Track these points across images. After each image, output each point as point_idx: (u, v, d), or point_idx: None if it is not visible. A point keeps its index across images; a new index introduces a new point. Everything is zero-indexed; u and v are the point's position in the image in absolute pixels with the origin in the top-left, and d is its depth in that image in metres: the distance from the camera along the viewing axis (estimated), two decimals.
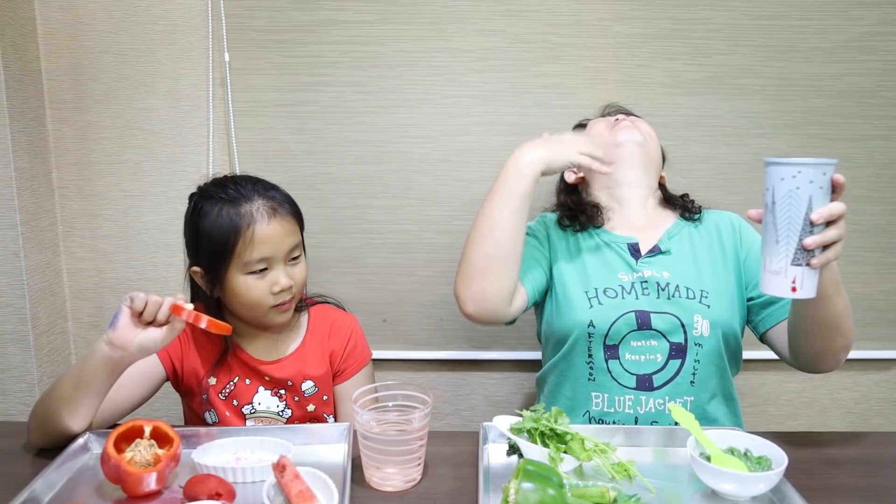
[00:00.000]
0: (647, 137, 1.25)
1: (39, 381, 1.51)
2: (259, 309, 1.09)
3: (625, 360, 1.11)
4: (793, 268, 0.83)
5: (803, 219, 0.81)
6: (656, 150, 1.27)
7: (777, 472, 0.82)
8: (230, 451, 0.94)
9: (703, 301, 1.12)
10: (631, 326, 1.10)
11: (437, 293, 1.59)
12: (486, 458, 0.95)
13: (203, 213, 1.07)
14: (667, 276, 1.14)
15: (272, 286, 1.07)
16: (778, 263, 0.83)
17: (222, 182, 1.12)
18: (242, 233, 1.04)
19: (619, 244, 1.19)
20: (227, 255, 1.05)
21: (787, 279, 0.83)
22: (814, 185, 0.80)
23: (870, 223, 1.53)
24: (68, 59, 1.50)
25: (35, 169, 1.49)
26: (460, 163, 1.53)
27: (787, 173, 0.81)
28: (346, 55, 1.49)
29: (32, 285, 1.48)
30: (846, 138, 1.50)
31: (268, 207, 1.07)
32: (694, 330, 1.10)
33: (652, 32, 1.47)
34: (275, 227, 1.07)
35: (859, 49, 1.47)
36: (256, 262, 1.06)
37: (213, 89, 1.51)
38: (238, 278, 1.07)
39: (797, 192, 0.81)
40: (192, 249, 1.11)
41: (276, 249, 1.07)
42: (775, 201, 0.82)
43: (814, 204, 0.81)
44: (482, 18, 1.47)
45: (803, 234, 0.81)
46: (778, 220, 0.82)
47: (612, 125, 1.27)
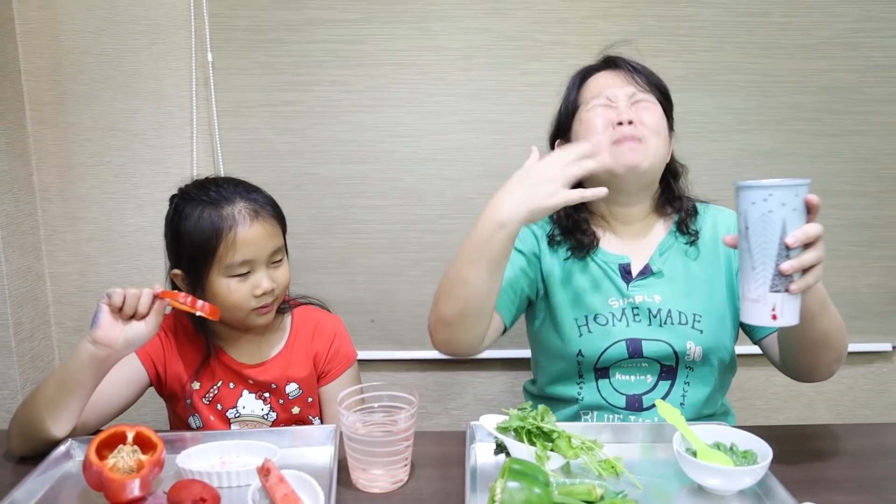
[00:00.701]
0: (654, 154, 1.06)
1: (22, 388, 1.49)
2: (240, 312, 1.08)
3: (615, 380, 1.10)
4: (771, 295, 0.79)
5: (778, 243, 0.78)
6: (662, 158, 1.09)
7: (762, 465, 0.82)
8: (215, 455, 0.93)
9: (696, 326, 1.08)
10: (622, 355, 1.08)
11: (424, 292, 1.58)
12: (473, 458, 0.94)
13: (184, 215, 1.06)
14: (658, 300, 1.09)
15: (254, 289, 1.06)
16: (756, 291, 0.80)
17: (203, 184, 1.11)
18: (224, 235, 1.03)
19: (611, 265, 1.12)
20: (208, 258, 1.04)
21: (766, 307, 0.80)
22: (786, 208, 0.77)
23: (854, 217, 1.55)
24: (48, 59, 1.49)
25: (15, 172, 1.47)
26: (446, 161, 1.53)
27: (757, 196, 0.78)
28: (330, 54, 1.48)
29: (14, 290, 1.46)
30: (830, 133, 1.51)
31: (250, 210, 1.06)
32: (686, 356, 1.07)
33: (637, 30, 1.47)
34: (257, 230, 1.06)
35: (842, 45, 1.48)
36: (238, 266, 1.05)
37: (196, 89, 1.49)
38: (220, 281, 1.06)
39: (769, 215, 0.78)
40: (173, 252, 1.10)
41: (259, 252, 1.06)
42: (748, 226, 0.80)
43: (788, 227, 0.78)
44: (467, 16, 1.47)
45: (779, 259, 0.78)
46: (752, 246, 0.80)
47: (611, 128, 1.06)
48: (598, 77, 1.12)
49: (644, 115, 1.07)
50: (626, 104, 1.07)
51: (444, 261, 1.55)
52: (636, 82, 1.10)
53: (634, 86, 1.09)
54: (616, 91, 1.09)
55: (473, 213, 1.53)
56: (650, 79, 1.12)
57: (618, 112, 1.06)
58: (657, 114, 1.08)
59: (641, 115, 1.07)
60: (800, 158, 1.52)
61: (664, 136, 1.09)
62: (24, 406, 0.98)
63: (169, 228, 1.10)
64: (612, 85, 1.10)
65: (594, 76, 1.13)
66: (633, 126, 1.05)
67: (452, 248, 1.54)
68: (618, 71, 1.12)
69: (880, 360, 1.65)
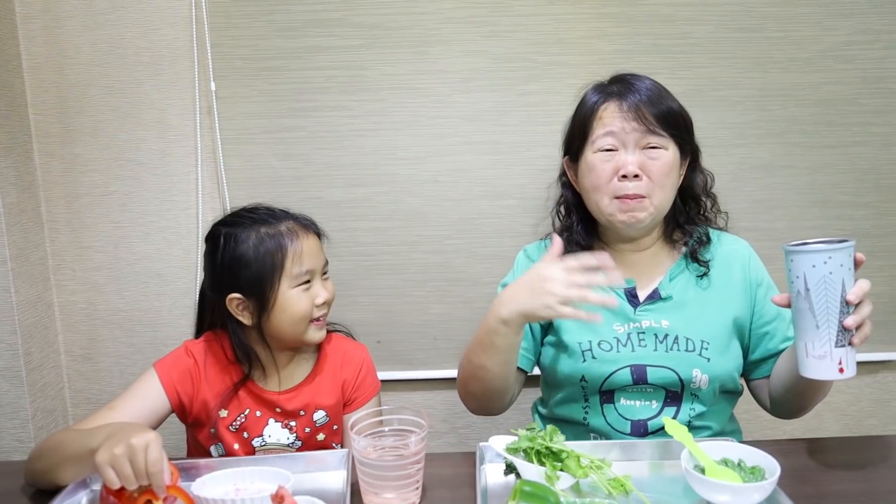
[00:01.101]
0: (658, 206, 1.05)
1: (33, 417, 1.50)
2: (303, 324, 1.11)
3: (619, 405, 1.10)
4: (837, 350, 0.85)
5: (840, 301, 0.84)
6: (667, 204, 1.08)
7: (770, 481, 0.83)
8: (230, 482, 0.94)
9: (703, 354, 1.07)
10: (626, 381, 1.08)
11: (430, 312, 1.59)
12: (483, 479, 0.95)
13: (239, 239, 1.09)
14: (666, 325, 1.08)
15: (315, 298, 1.12)
16: (822, 348, 0.86)
17: (244, 210, 1.16)
18: (289, 247, 1.09)
19: (616, 289, 1.11)
20: (276, 271, 1.08)
21: (833, 362, 0.85)
22: (844, 268, 0.84)
23: (854, 228, 1.56)
24: (54, 92, 1.51)
25: (24, 203, 1.49)
26: (448, 183, 1.54)
27: (818, 260, 0.84)
28: (331, 80, 1.51)
29: (24, 321, 1.48)
30: (827, 145, 1.53)
31: (301, 225, 1.13)
32: (692, 384, 1.07)
33: (633, 48, 1.49)
34: (313, 241, 1.13)
35: (835, 59, 1.50)
36: (304, 274, 1.10)
37: (200, 118, 1.52)
38: (288, 293, 1.09)
39: (831, 276, 0.84)
40: (229, 279, 1.10)
41: (316, 262, 1.13)
42: (809, 288, 0.85)
43: (846, 285, 0.84)
44: (466, 40, 1.50)
45: (842, 315, 0.85)
46: (815, 306, 0.85)
47: (616, 179, 1.05)
48: (610, 107, 1.08)
49: (651, 165, 1.05)
50: (634, 149, 1.05)
51: (449, 281, 1.58)
52: (646, 120, 1.05)
53: (645, 125, 1.04)
54: (625, 136, 1.05)
55: (476, 234, 1.56)
56: (664, 112, 1.06)
57: (623, 162, 1.05)
58: (666, 161, 1.05)
59: (648, 167, 1.05)
60: (798, 171, 1.54)
61: (671, 184, 1.07)
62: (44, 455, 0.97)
63: (220, 259, 1.10)
64: (622, 124, 1.05)
65: (606, 105, 1.08)
66: (638, 181, 1.04)
67: (456, 269, 1.57)
68: (629, 105, 1.06)
69: (885, 370, 1.65)
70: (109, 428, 0.90)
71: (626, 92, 1.08)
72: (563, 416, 1.15)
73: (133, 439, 0.82)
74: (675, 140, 1.08)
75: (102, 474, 0.82)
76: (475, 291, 1.58)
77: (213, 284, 1.14)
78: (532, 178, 1.53)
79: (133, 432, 0.84)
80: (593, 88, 1.14)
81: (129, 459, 0.82)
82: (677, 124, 1.08)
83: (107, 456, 0.82)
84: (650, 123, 1.05)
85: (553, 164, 1.27)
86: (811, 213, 1.56)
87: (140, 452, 0.82)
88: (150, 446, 0.82)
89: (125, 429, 0.87)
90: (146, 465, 0.81)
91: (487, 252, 1.57)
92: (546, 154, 1.48)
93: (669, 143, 1.07)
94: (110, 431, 0.87)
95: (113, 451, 0.82)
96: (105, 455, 0.82)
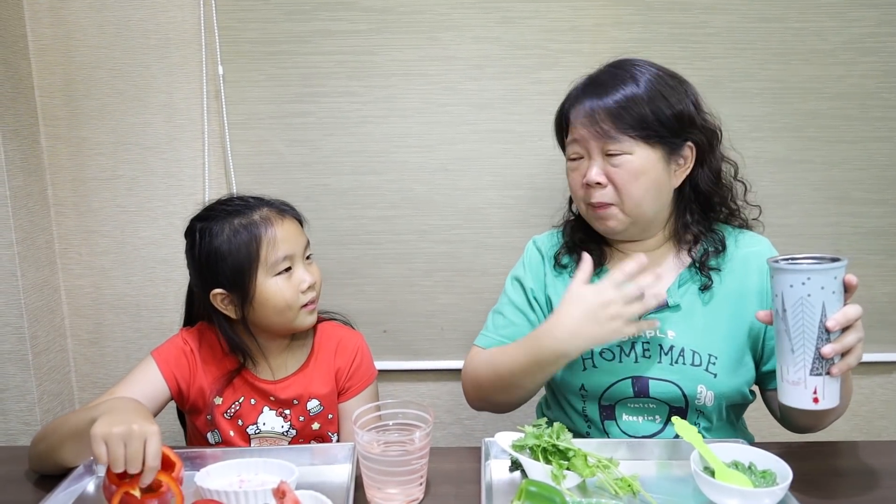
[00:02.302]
0: (632, 212, 1.01)
1: (39, 400, 1.50)
2: (291, 311, 1.09)
3: (622, 422, 1.06)
4: (812, 378, 0.79)
5: (818, 326, 0.77)
6: (647, 207, 1.02)
7: (782, 487, 0.81)
8: (233, 473, 0.93)
9: (710, 369, 1.02)
10: (627, 393, 1.04)
11: (436, 302, 1.58)
12: (488, 475, 0.94)
13: (213, 233, 1.07)
14: (672, 336, 1.04)
15: (299, 284, 1.09)
16: (796, 374, 0.79)
17: (218, 202, 1.13)
18: (263, 236, 1.06)
19: None
20: (253, 262, 1.06)
21: (807, 390, 0.79)
22: (826, 291, 0.76)
23: (871, 226, 1.53)
24: (61, 75, 1.50)
25: (30, 187, 1.48)
26: (457, 171, 1.52)
27: (795, 280, 0.77)
28: (340, 65, 1.48)
29: (30, 304, 1.47)
30: (846, 141, 1.49)
31: (275, 210, 1.10)
32: (696, 399, 1.03)
33: (649, 37, 1.46)
34: (289, 226, 1.10)
35: (858, 50, 1.46)
36: (282, 261, 1.07)
37: (207, 102, 1.50)
38: (268, 282, 1.07)
39: (809, 299, 0.77)
40: (209, 274, 1.09)
41: (295, 247, 1.09)
42: (786, 309, 0.78)
43: (828, 310, 0.77)
44: (477, 26, 1.46)
45: (819, 342, 0.78)
46: (791, 329, 0.78)
47: (582, 189, 1.04)
48: (577, 110, 1.03)
49: (614, 173, 1.00)
50: (599, 156, 1.01)
51: (456, 271, 1.56)
52: (602, 128, 0.99)
53: (602, 133, 0.99)
54: (587, 143, 1.02)
55: (485, 224, 1.54)
56: (627, 115, 0.98)
57: (587, 170, 1.02)
58: (631, 168, 0.99)
59: (612, 174, 1.00)
60: (814, 166, 1.51)
61: (646, 188, 1.00)
62: (47, 436, 0.97)
63: (198, 255, 1.09)
64: (582, 131, 1.01)
65: (575, 107, 1.04)
66: (602, 188, 1.01)
67: (464, 258, 1.55)
68: (587, 111, 1.01)
69: None
70: (114, 402, 0.88)
71: (593, 92, 1.02)
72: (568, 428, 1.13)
73: (135, 425, 0.80)
74: (648, 141, 0.99)
75: (93, 447, 0.79)
76: (483, 282, 1.56)
77: (196, 280, 1.13)
78: (543, 169, 1.50)
79: (137, 417, 0.83)
80: (581, 80, 1.08)
81: (124, 442, 0.79)
82: (646, 125, 0.98)
83: (103, 430, 0.79)
84: (608, 129, 0.99)
85: None
86: (826, 210, 1.52)
87: (137, 440, 0.79)
88: (151, 439, 0.80)
89: (130, 409, 0.86)
90: (145, 457, 0.79)
91: (496, 242, 1.55)
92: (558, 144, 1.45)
93: (636, 147, 0.99)
94: (113, 406, 0.86)
95: (111, 429, 0.79)
96: (102, 428, 0.80)
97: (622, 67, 1.04)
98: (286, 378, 1.15)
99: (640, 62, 1.05)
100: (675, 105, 1.01)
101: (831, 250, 1.53)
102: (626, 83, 1.00)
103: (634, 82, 1.00)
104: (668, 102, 1.00)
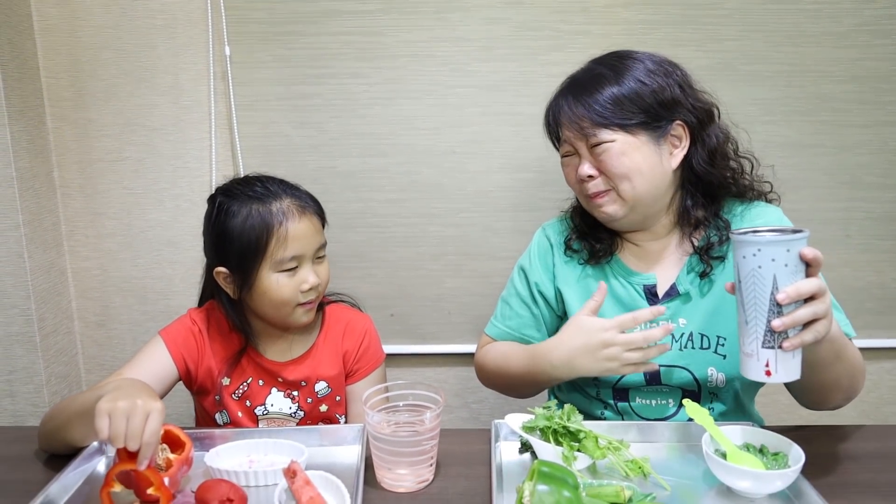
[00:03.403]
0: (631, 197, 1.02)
1: (47, 382, 1.51)
2: (287, 308, 1.08)
3: (635, 405, 1.08)
4: (764, 350, 0.78)
5: (769, 299, 0.76)
6: (647, 190, 1.02)
7: (794, 469, 0.81)
8: (243, 453, 0.94)
9: (719, 350, 1.04)
10: (639, 382, 1.06)
11: (444, 286, 1.57)
12: (498, 456, 0.94)
13: (230, 212, 1.06)
14: (683, 323, 1.06)
15: (301, 284, 1.07)
16: (750, 345, 0.79)
17: (245, 181, 1.11)
18: (275, 231, 1.04)
19: (635, 286, 1.09)
20: (258, 254, 1.05)
21: (759, 362, 0.78)
22: (777, 264, 0.75)
23: (882, 211, 1.51)
24: (66, 56, 1.48)
25: (36, 168, 1.47)
26: (466, 154, 1.51)
27: (747, 251, 0.76)
28: (348, 46, 1.47)
29: (37, 286, 1.47)
30: (858, 125, 1.48)
31: (297, 205, 1.08)
32: (708, 382, 1.05)
33: (660, 19, 1.44)
34: (305, 225, 1.07)
35: (873, 33, 1.43)
36: (289, 261, 1.06)
37: (214, 84, 1.49)
38: (269, 277, 1.06)
39: (759, 271, 0.76)
40: (218, 250, 1.09)
41: (307, 247, 1.07)
42: (741, 279, 0.78)
43: (779, 282, 0.75)
44: (487, 6, 1.45)
45: (770, 315, 0.76)
46: (745, 300, 0.78)
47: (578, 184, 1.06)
48: (558, 114, 1.07)
49: (602, 163, 1.02)
50: (586, 151, 1.03)
51: (465, 254, 1.55)
52: (578, 125, 1.02)
53: (578, 128, 1.02)
54: (572, 141, 1.05)
55: (493, 207, 1.53)
56: (597, 106, 1.00)
57: (577, 166, 1.04)
58: (614, 152, 1.00)
59: (601, 164, 1.02)
60: (826, 150, 1.49)
61: (637, 169, 1.01)
62: (55, 416, 0.97)
63: (212, 227, 1.09)
64: (565, 131, 1.06)
65: (557, 112, 1.07)
66: (594, 180, 1.03)
67: (472, 242, 1.55)
68: (564, 110, 1.04)
69: None
70: (121, 381, 0.88)
71: (570, 93, 1.05)
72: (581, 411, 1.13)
73: (140, 399, 0.80)
74: (627, 128, 1.00)
75: (96, 420, 0.79)
76: (491, 266, 1.55)
77: (206, 250, 1.13)
78: (552, 152, 1.46)
79: (142, 393, 0.82)
80: (564, 81, 1.10)
81: (126, 416, 0.78)
82: (621, 115, 1.00)
83: (108, 405, 0.79)
84: (586, 127, 1.01)
85: None
86: (837, 195, 1.51)
87: (140, 414, 0.79)
88: (153, 415, 0.80)
89: (136, 386, 0.86)
90: (143, 431, 0.78)
91: (504, 226, 1.54)
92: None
93: (616, 135, 1.00)
94: (120, 384, 0.86)
95: (116, 403, 0.79)
96: (106, 404, 0.79)
97: (603, 63, 1.05)
98: (294, 360, 1.15)
99: (625, 54, 1.05)
100: (655, 90, 1.00)
101: (842, 235, 1.53)
102: (601, 79, 1.02)
103: (610, 76, 1.02)
104: (647, 88, 1.00)
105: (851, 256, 1.53)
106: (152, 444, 0.79)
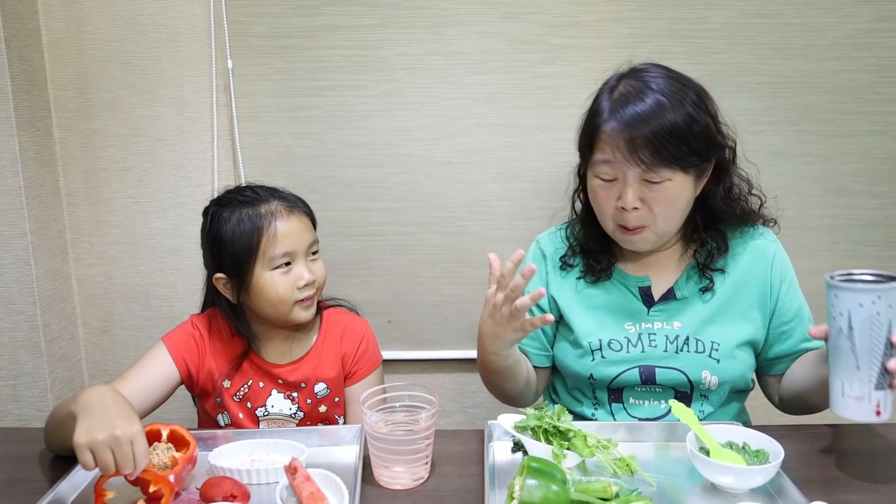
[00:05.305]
0: (661, 234, 1.02)
1: (52, 387, 1.53)
2: (284, 305, 1.12)
3: (629, 405, 1.11)
4: (876, 392, 0.82)
5: (885, 343, 0.81)
6: (675, 228, 1.04)
7: (774, 464, 0.85)
8: (245, 452, 0.97)
9: (713, 355, 1.06)
10: (634, 381, 1.09)
11: (441, 293, 1.61)
12: (491, 456, 0.97)
13: (222, 219, 1.11)
14: (678, 326, 1.08)
15: (297, 281, 1.11)
16: (860, 389, 0.82)
17: (237, 189, 1.17)
18: (265, 229, 1.09)
19: (630, 287, 1.11)
20: (252, 254, 1.09)
21: (871, 404, 0.82)
22: (893, 309, 0.80)
23: (867, 217, 1.55)
24: (73, 68, 1.52)
25: (43, 177, 1.51)
26: (462, 164, 1.55)
27: (865, 299, 0.80)
28: (346, 59, 1.51)
29: (43, 292, 1.51)
30: (843, 134, 1.52)
31: (285, 205, 1.13)
32: (701, 384, 1.08)
33: (650, 32, 1.48)
34: (294, 223, 1.12)
35: (855, 46, 1.48)
36: (280, 257, 1.10)
37: (216, 95, 1.53)
38: (264, 276, 1.10)
39: (878, 317, 0.80)
40: (215, 258, 1.14)
41: (297, 244, 1.12)
42: (852, 327, 0.81)
43: (893, 325, 0.81)
44: (481, 21, 1.49)
45: (885, 357, 0.81)
46: (857, 346, 0.81)
47: (615, 210, 1.02)
48: (611, 129, 0.98)
49: (653, 198, 0.99)
50: (636, 182, 0.99)
51: (461, 262, 1.59)
52: (644, 162, 0.96)
53: (643, 165, 0.96)
54: (624, 169, 0.98)
55: (489, 216, 1.57)
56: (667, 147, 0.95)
57: (622, 193, 1.00)
58: (669, 193, 0.98)
59: (649, 199, 0.99)
60: (812, 159, 1.53)
61: (676, 209, 1.01)
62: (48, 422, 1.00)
63: (207, 237, 1.14)
64: (620, 157, 0.97)
65: (608, 123, 0.99)
66: (638, 212, 1.00)
67: (468, 250, 1.58)
68: (626, 138, 0.97)
69: None
70: (89, 397, 0.86)
71: (629, 117, 0.97)
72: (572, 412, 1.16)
73: (118, 431, 0.80)
74: (686, 169, 0.99)
75: (79, 456, 0.80)
76: (486, 273, 1.55)
77: (204, 260, 1.18)
78: (546, 162, 1.53)
79: (117, 420, 0.82)
80: (606, 91, 1.03)
81: (109, 448, 0.80)
82: (681, 154, 0.97)
83: (87, 439, 0.80)
84: (650, 162, 0.96)
85: (567, 148, 1.26)
86: (824, 202, 1.55)
87: (124, 444, 0.80)
88: (136, 439, 0.81)
89: (108, 408, 0.84)
90: (134, 457, 0.81)
91: (499, 234, 1.58)
92: (560, 137, 1.48)
93: (675, 175, 0.98)
94: (89, 403, 0.85)
95: (95, 436, 0.80)
96: (84, 437, 0.80)
97: (646, 81, 1.00)
98: (294, 362, 1.19)
99: (660, 74, 1.01)
100: (703, 128, 0.99)
101: (829, 241, 1.57)
102: (661, 109, 0.96)
103: (668, 106, 0.97)
104: (699, 126, 0.98)
105: (838, 262, 1.57)
106: (144, 463, 0.82)
